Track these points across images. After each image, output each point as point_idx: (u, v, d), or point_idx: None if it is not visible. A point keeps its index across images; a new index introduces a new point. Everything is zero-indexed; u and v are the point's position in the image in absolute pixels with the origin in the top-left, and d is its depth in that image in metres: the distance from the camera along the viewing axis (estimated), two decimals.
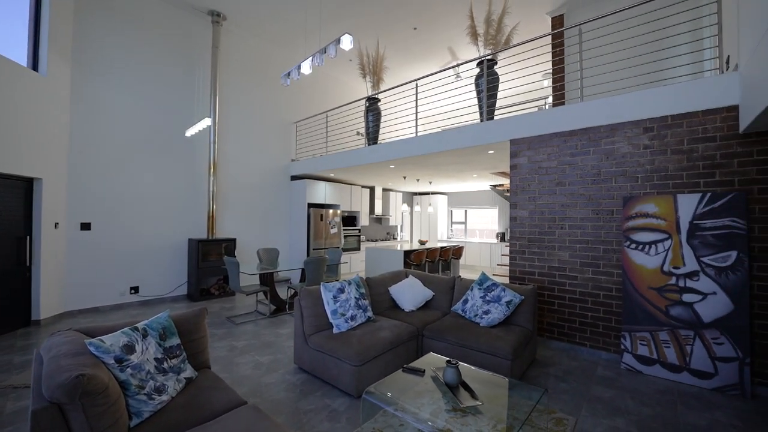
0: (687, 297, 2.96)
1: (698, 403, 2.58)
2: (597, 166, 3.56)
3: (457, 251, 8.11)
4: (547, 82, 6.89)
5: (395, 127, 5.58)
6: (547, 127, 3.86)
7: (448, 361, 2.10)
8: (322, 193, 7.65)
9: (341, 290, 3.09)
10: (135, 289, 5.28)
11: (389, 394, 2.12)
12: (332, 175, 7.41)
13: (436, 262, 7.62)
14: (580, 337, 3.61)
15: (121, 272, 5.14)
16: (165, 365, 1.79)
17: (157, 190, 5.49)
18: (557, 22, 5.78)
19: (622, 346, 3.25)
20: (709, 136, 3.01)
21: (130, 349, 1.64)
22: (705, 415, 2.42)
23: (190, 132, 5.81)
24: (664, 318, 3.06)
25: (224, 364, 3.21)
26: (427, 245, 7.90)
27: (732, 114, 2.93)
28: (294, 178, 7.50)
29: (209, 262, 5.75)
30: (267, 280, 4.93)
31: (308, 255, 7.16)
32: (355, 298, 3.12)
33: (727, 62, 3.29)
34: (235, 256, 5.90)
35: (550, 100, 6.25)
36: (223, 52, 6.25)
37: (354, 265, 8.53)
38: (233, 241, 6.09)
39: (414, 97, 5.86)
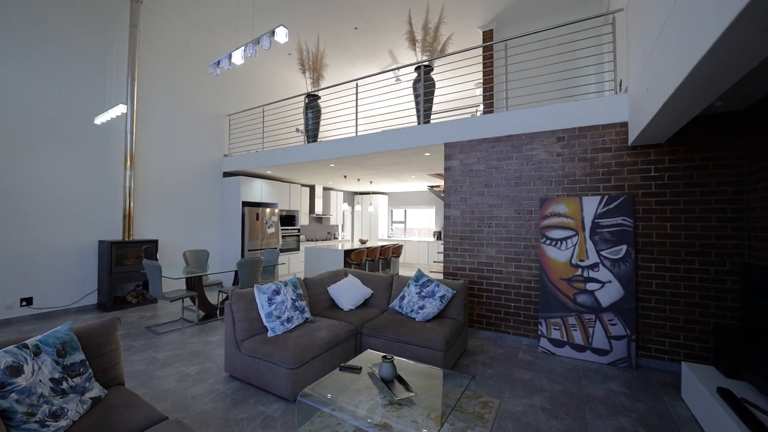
0: (590, 285, 3.42)
1: (597, 376, 3.00)
2: (519, 170, 3.93)
3: (396, 250, 8.32)
4: (479, 91, 7.40)
5: (335, 125, 5.54)
6: (477, 132, 4.15)
7: (384, 357, 2.15)
8: (258, 190, 7.28)
9: (277, 292, 2.98)
10: (27, 301, 4.50)
11: (328, 395, 2.11)
12: (269, 172, 7.10)
13: (376, 260, 7.74)
14: (504, 325, 3.95)
15: (6, 281, 4.34)
16: (64, 386, 1.56)
17: (57, 185, 4.74)
18: (488, 36, 6.23)
19: (539, 332, 3.63)
20: (607, 147, 3.51)
21: (15, 370, 1.40)
22: (602, 386, 2.82)
23: (101, 119, 5.12)
24: (572, 305, 3.49)
25: (143, 378, 2.90)
26: (368, 244, 7.98)
27: (623, 129, 3.44)
28: (227, 174, 7.03)
29: (125, 266, 5.13)
30: (195, 284, 4.56)
31: (242, 257, 6.77)
32: (292, 299, 3.04)
33: (620, 85, 3.86)
34: (157, 260, 5.35)
35: (481, 108, 6.72)
36: (145, 34, 5.61)
37: (293, 266, 8.28)
38: (155, 242, 5.51)
39: (354, 97, 5.87)
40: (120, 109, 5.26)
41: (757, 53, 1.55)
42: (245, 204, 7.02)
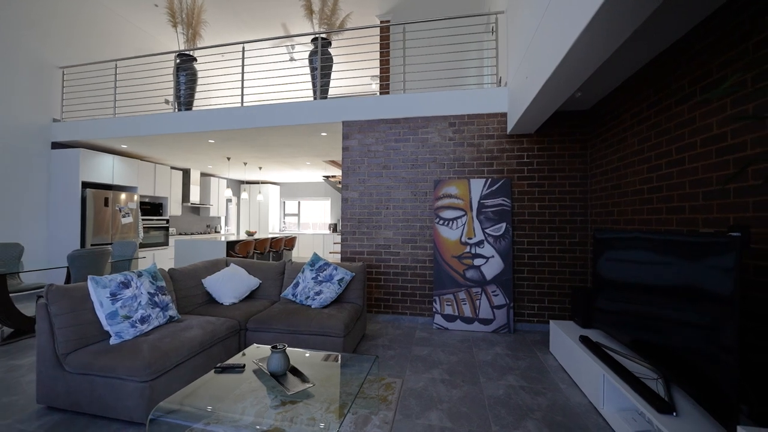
0: (477, 261, 3.67)
1: (485, 343, 3.22)
2: (415, 152, 3.99)
3: (289, 242, 7.75)
4: (375, 86, 7.42)
5: (215, 96, 4.71)
6: (376, 113, 4.05)
7: (273, 347, 1.79)
8: (108, 169, 5.75)
9: (125, 284, 2.26)
10: None
11: (201, 406, 1.64)
12: (124, 146, 5.67)
13: (266, 253, 7.04)
14: (402, 307, 3.96)
15: None
16: None
17: None
18: (385, 30, 6.25)
19: (434, 309, 3.74)
20: (490, 134, 3.83)
21: None
22: (489, 351, 3.02)
23: None
24: (462, 280, 3.70)
25: None
26: (257, 236, 7.21)
27: (503, 119, 3.80)
28: (58, 145, 5.33)
29: None
30: None
31: None
32: (149, 293, 2.36)
33: (500, 81, 4.29)
34: None
35: (377, 95, 6.72)
36: None
37: (160, 264, 6.87)
38: None
39: (240, 62, 5.11)
40: None
41: (610, 44, 1.87)
42: (87, 185, 5.46)
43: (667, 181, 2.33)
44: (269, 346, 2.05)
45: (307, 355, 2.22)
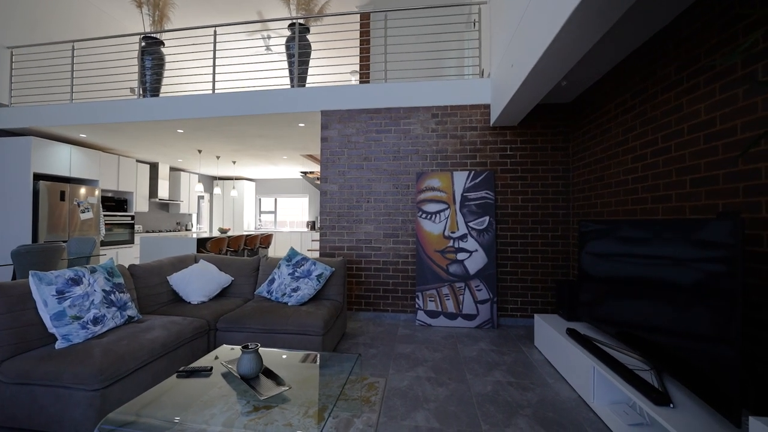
0: (460, 255, 3.59)
1: (469, 339, 3.14)
2: (397, 144, 3.86)
3: (265, 239, 7.45)
4: (355, 79, 7.24)
5: (184, 83, 4.40)
6: (357, 102, 3.90)
7: (243, 347, 1.61)
8: (64, 160, 5.30)
9: (75, 281, 2.01)
10: None
11: (160, 416, 1.45)
12: (83, 135, 5.23)
13: (240, 251, 6.72)
14: (383, 304, 3.83)
15: None
16: None
17: None
18: (365, 18, 6.09)
19: (416, 305, 3.63)
20: (473, 126, 3.75)
21: None
22: (474, 347, 2.94)
23: None
24: (445, 275, 3.60)
25: None
26: (231, 234, 6.88)
27: (486, 110, 3.74)
28: (6, 133, 4.85)
29: None
30: None
31: None
32: (104, 291, 2.11)
33: (483, 74, 4.23)
34: None
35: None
36: None
37: (124, 263, 6.41)
38: None
39: (212, 47, 4.82)
40: None
41: (600, 27, 1.84)
42: (40, 177, 5.01)
43: (652, 170, 2.32)
44: (239, 347, 1.86)
45: (284, 356, 2.05)
